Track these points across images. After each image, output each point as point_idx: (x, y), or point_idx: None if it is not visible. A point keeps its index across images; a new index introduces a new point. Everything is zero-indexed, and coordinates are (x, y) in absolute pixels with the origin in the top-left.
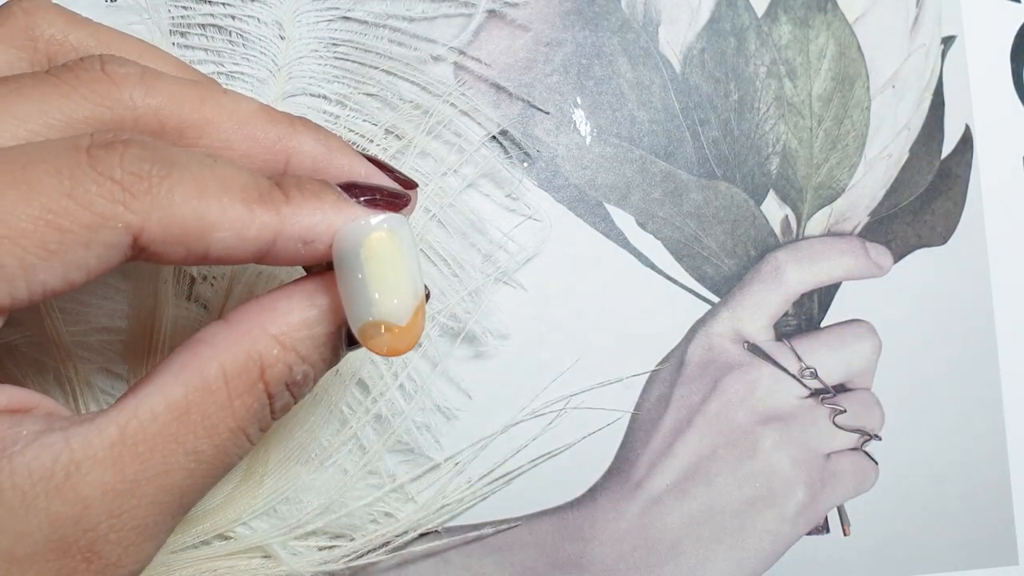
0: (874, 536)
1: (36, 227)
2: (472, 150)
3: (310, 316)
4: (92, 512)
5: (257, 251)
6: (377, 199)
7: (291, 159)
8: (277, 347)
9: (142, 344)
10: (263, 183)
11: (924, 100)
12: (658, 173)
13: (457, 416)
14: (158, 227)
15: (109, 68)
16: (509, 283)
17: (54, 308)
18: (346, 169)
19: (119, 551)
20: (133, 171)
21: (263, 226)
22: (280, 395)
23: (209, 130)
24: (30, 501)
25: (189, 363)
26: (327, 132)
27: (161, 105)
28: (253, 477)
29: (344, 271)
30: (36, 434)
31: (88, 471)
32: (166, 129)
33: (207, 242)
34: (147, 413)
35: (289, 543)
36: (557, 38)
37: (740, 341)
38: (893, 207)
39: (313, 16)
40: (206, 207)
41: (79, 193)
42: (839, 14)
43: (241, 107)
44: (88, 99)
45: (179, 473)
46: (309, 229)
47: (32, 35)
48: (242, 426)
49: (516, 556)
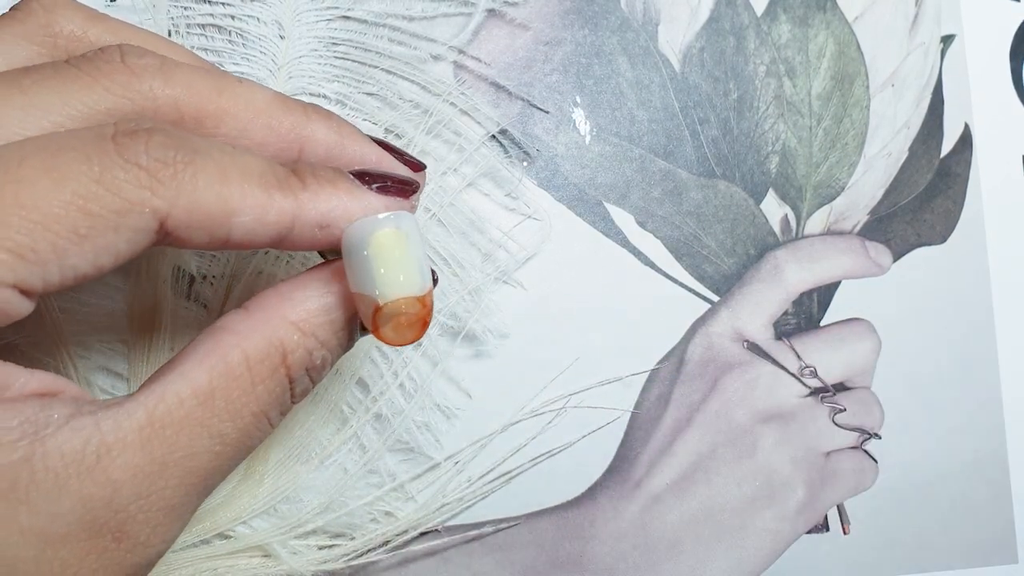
0: (874, 535)
1: (68, 212)
2: (472, 149)
3: (328, 302)
4: (122, 493)
5: (276, 235)
6: (388, 186)
7: (305, 146)
8: (297, 333)
9: (142, 344)
10: (280, 170)
11: (923, 99)
12: (657, 172)
13: (457, 415)
14: (183, 212)
15: (129, 59)
16: (509, 282)
17: (54, 308)
18: (358, 155)
19: (148, 531)
20: (158, 158)
21: (281, 211)
22: (300, 379)
23: (227, 119)
24: (63, 483)
25: (213, 350)
26: (339, 119)
27: (180, 95)
28: (253, 476)
29: (353, 265)
30: (67, 417)
31: (118, 454)
32: (185, 119)
33: (229, 226)
34: (173, 398)
35: (289, 542)
36: (556, 37)
37: (740, 340)
38: (892, 206)
39: (313, 15)
40: (228, 192)
41: (108, 179)
42: (838, 13)
43: (257, 97)
44: (109, 90)
45: (204, 456)
46: (325, 214)
47: (51, 31)
48: (264, 410)
49: (516, 555)
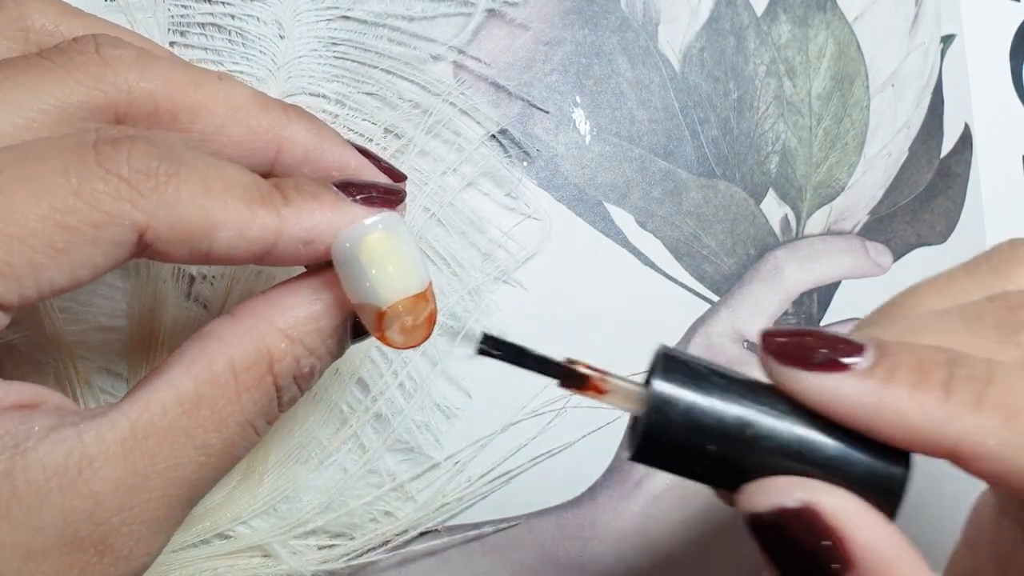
0: None
1: (44, 226)
2: (472, 149)
3: (316, 310)
4: (104, 506)
5: (259, 251)
6: (373, 196)
7: (283, 147)
8: (285, 341)
9: (142, 344)
10: (263, 185)
11: (923, 99)
12: (658, 172)
13: (457, 415)
14: (164, 225)
15: (104, 50)
16: (509, 282)
17: (54, 308)
18: (337, 159)
19: (131, 544)
20: (140, 169)
21: (264, 227)
22: (288, 388)
23: (203, 115)
24: (44, 496)
25: (198, 357)
26: (319, 122)
27: (156, 89)
28: (253, 476)
29: (347, 274)
30: (47, 430)
31: (100, 466)
32: (160, 113)
33: (211, 241)
34: (158, 407)
35: (289, 542)
36: (556, 37)
37: (740, 340)
38: (892, 206)
39: (312, 15)
40: (211, 206)
41: (86, 191)
42: (838, 13)
43: (235, 93)
44: (82, 83)
45: (189, 466)
46: (309, 230)
47: (23, 25)
48: (250, 419)
49: (516, 555)
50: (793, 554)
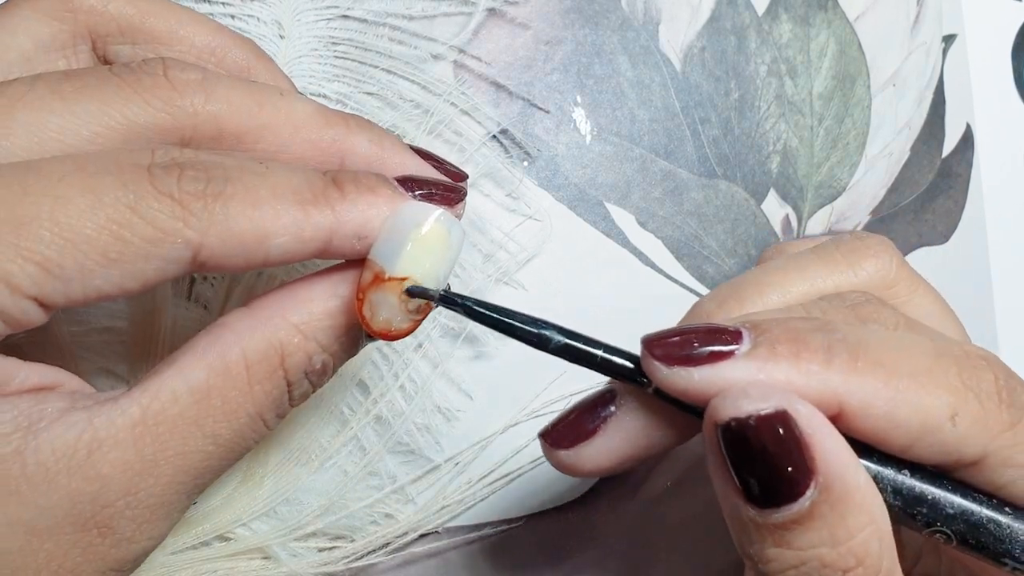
0: None
1: (100, 235)
2: (472, 149)
3: (332, 306)
4: (110, 489)
5: (315, 250)
6: (432, 193)
7: (345, 159)
8: (298, 336)
9: (142, 344)
10: (317, 181)
11: (925, 99)
12: (658, 172)
13: (457, 417)
14: (217, 241)
15: (171, 73)
16: (510, 283)
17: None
18: (399, 166)
19: (134, 527)
20: (190, 191)
21: (317, 226)
22: (299, 383)
23: (266, 135)
24: (52, 477)
25: (211, 347)
26: (381, 130)
27: (220, 112)
28: (253, 478)
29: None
30: (60, 412)
31: (109, 449)
32: (224, 135)
33: (266, 249)
34: (169, 395)
35: (289, 544)
36: (557, 36)
37: None
38: (894, 206)
39: (312, 15)
40: (261, 216)
41: (143, 208)
42: (840, 12)
43: (297, 110)
44: (150, 104)
45: (196, 455)
46: (363, 225)
47: (71, 6)
48: (260, 412)
49: (516, 556)
50: (756, 463)
